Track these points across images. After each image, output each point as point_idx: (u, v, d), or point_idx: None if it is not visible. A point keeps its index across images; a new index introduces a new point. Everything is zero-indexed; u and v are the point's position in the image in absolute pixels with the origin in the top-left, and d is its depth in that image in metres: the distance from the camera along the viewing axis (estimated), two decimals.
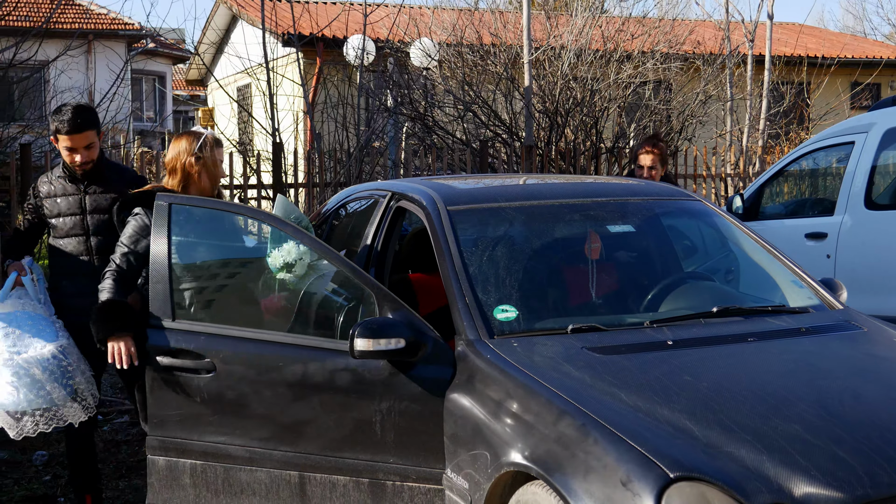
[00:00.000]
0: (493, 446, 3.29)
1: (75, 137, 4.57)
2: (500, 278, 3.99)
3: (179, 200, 4.24)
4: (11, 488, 5.26)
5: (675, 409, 3.09)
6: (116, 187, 4.68)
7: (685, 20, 14.84)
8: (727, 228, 4.64)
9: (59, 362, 4.23)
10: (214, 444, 4.00)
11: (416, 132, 12.01)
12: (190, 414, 4.02)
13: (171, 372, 4.02)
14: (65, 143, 4.58)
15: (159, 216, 4.16)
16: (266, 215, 4.13)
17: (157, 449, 4.09)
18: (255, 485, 3.94)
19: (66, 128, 4.56)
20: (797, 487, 2.79)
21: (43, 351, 4.24)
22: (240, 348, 3.97)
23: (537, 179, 5.45)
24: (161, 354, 4.02)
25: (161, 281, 4.09)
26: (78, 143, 4.58)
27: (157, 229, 4.15)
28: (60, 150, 4.64)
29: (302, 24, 13.57)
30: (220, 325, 4.05)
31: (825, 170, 8.08)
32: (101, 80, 19.89)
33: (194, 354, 3.99)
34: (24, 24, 12.39)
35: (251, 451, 3.94)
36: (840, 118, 15.16)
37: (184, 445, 4.05)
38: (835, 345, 3.77)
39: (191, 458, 4.04)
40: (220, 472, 4.00)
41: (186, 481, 4.06)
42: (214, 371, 3.96)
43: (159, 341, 4.04)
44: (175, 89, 29.04)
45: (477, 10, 13.27)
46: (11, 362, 4.16)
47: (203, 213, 4.34)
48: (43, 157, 9.16)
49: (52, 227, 4.70)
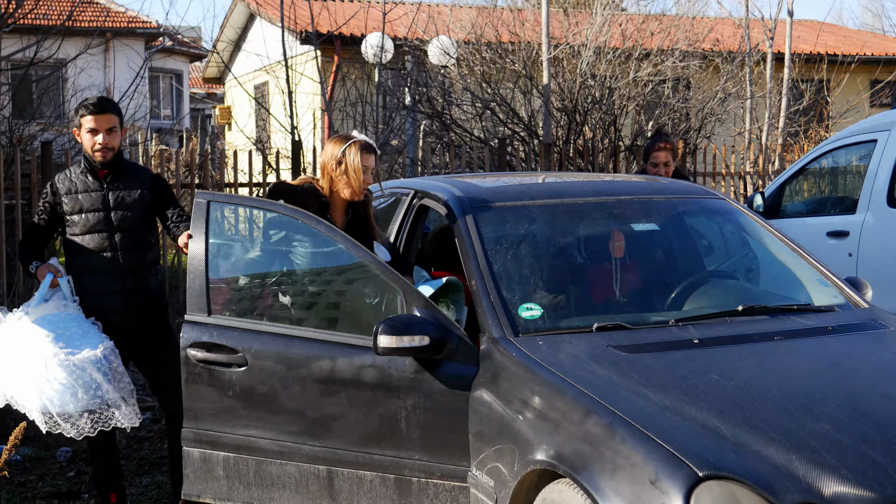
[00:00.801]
0: (519, 444, 3.29)
1: (99, 118, 4.59)
2: (524, 276, 3.99)
3: (218, 198, 4.29)
4: (36, 484, 5.29)
5: (702, 407, 3.08)
6: (137, 184, 4.69)
7: (704, 18, 14.78)
8: (751, 227, 4.63)
9: (110, 363, 4.25)
10: (246, 437, 4.04)
11: (434, 130, 12.01)
12: (223, 407, 4.07)
13: (205, 366, 4.07)
14: (88, 125, 4.59)
15: (198, 213, 4.19)
16: (302, 213, 4.11)
17: (192, 441, 4.15)
18: (285, 478, 3.98)
19: (90, 108, 4.59)
20: (827, 487, 2.77)
21: (95, 352, 4.25)
22: (270, 344, 4.00)
23: (557, 178, 5.44)
24: (196, 349, 4.06)
25: (198, 277, 4.12)
26: (101, 125, 4.60)
27: (195, 226, 4.19)
28: (82, 138, 4.65)
29: (320, 21, 13.58)
30: (253, 320, 4.10)
31: (846, 168, 8.04)
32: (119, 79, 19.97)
33: (227, 349, 4.03)
34: (43, 22, 12.45)
35: (281, 444, 3.98)
36: (860, 116, 15.09)
37: (217, 438, 4.10)
38: (862, 343, 3.76)
39: (224, 451, 4.09)
40: (252, 465, 4.04)
41: (220, 473, 4.11)
42: (246, 366, 3.99)
43: (195, 336, 4.08)
44: (192, 87, 29.12)
45: (495, 7, 13.24)
46: (67, 363, 4.16)
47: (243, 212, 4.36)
48: (63, 154, 9.20)
49: (71, 224, 4.69)
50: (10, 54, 9.95)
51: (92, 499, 5.12)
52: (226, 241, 4.35)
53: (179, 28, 22.73)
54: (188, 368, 4.10)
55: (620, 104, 11.74)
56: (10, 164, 8.72)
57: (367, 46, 12.19)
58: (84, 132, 4.63)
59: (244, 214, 4.48)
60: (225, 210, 4.29)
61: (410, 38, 12.52)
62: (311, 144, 11.43)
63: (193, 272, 4.14)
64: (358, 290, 4.12)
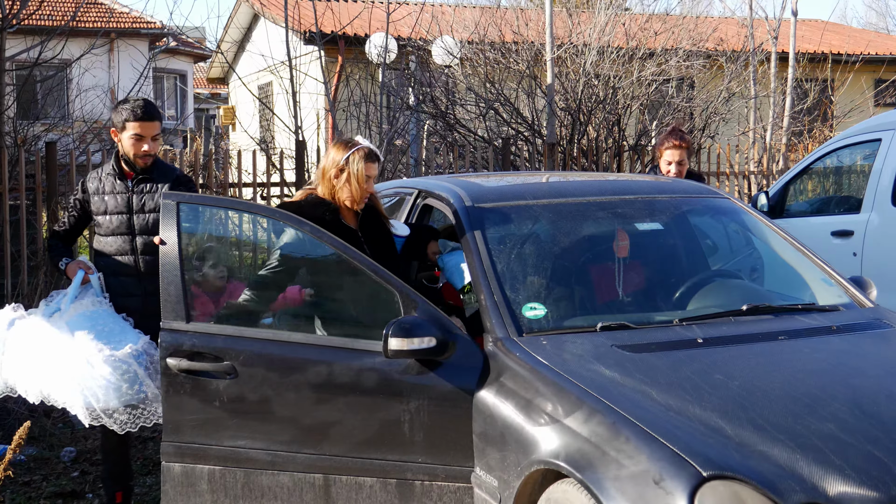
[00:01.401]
0: (523, 444, 3.28)
1: (146, 125, 4.57)
2: (528, 276, 3.99)
3: (187, 199, 4.12)
4: (40, 484, 5.30)
5: (706, 407, 3.08)
6: (161, 187, 4.65)
7: (708, 17, 14.77)
8: (756, 226, 4.62)
9: (150, 358, 4.23)
10: (234, 448, 3.90)
11: (437, 130, 12.01)
12: (208, 418, 3.92)
13: (187, 376, 3.93)
14: (135, 131, 4.55)
15: (168, 215, 4.04)
16: (281, 214, 4.06)
17: (173, 455, 3.98)
18: (277, 489, 3.87)
19: (140, 114, 4.55)
20: (831, 486, 2.77)
21: (137, 346, 4.24)
22: (260, 350, 3.88)
23: (561, 177, 5.43)
24: (177, 357, 3.92)
25: (173, 282, 3.98)
26: (147, 132, 4.57)
27: (166, 229, 4.03)
28: (122, 141, 4.59)
29: (324, 21, 13.58)
30: (239, 326, 3.97)
31: (851, 167, 8.03)
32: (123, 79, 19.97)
33: (212, 357, 3.91)
34: (47, 23, 12.47)
35: (273, 454, 3.86)
36: (864, 115, 15.06)
37: (201, 451, 3.94)
38: (867, 343, 3.75)
39: (209, 464, 3.93)
40: (240, 477, 3.91)
41: (203, 487, 3.96)
42: (234, 374, 3.88)
43: (174, 345, 3.94)
44: (196, 87, 29.14)
45: (499, 7, 13.22)
46: (112, 358, 4.15)
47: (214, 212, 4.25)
48: (67, 155, 9.20)
49: (97, 225, 4.68)
50: (15, 55, 9.96)
51: (96, 499, 5.12)
52: (201, 243, 4.20)
53: (183, 28, 22.75)
54: (168, 379, 3.93)
55: (624, 104, 11.73)
56: (14, 164, 8.73)
57: (370, 46, 12.19)
58: (127, 136, 4.57)
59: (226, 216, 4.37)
60: (198, 212, 4.13)
61: (414, 37, 12.52)
62: (314, 144, 11.42)
63: (167, 277, 3.98)
64: (353, 292, 4.05)
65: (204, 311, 4.10)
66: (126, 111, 4.58)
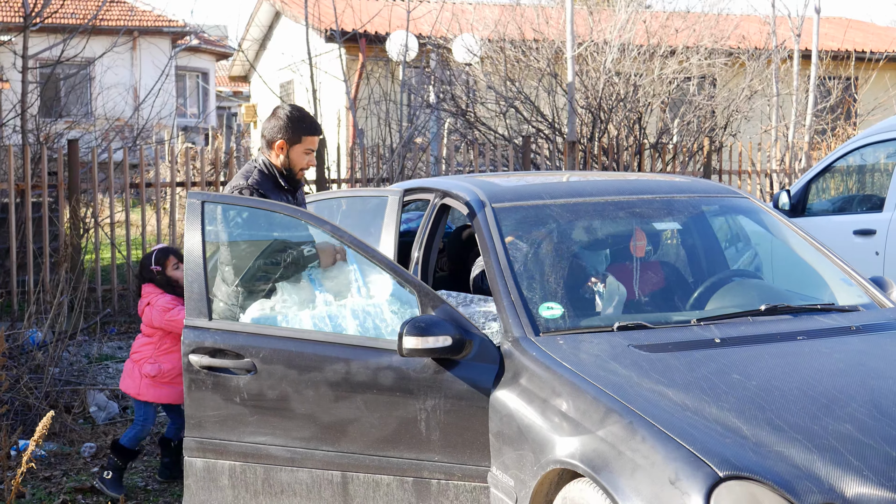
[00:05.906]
0: (539, 443, 3.28)
1: (317, 140, 4.59)
2: (545, 275, 3.98)
3: (211, 198, 4.13)
4: (61, 479, 5.33)
5: (723, 407, 3.07)
6: (300, 197, 4.70)
7: (730, 15, 14.69)
8: (774, 226, 4.59)
9: None
10: (254, 444, 3.94)
11: (458, 128, 12.01)
12: (229, 414, 3.96)
13: (209, 372, 3.96)
14: (310, 146, 4.53)
15: (192, 214, 4.05)
16: (303, 213, 4.07)
17: (195, 450, 4.02)
18: (296, 485, 3.89)
19: (317, 129, 4.56)
20: (849, 488, 2.75)
21: None
22: (280, 347, 3.89)
23: (580, 176, 5.41)
24: (199, 354, 3.95)
25: (196, 280, 4.01)
26: (316, 146, 4.61)
27: (190, 228, 4.04)
28: (292, 154, 4.52)
29: (344, 20, 13.61)
30: (259, 324, 3.98)
31: (874, 166, 7.97)
32: (145, 77, 20.11)
33: (233, 354, 3.93)
34: (70, 21, 12.56)
35: (292, 451, 3.88)
36: (888, 113, 14.95)
37: (223, 446, 3.99)
38: (886, 344, 3.72)
39: (230, 459, 3.97)
40: (260, 473, 3.94)
41: (225, 482, 3.99)
42: (255, 371, 3.90)
43: (197, 341, 3.97)
44: (218, 85, 29.27)
45: (519, 5, 13.20)
46: None
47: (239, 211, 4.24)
48: (90, 152, 9.27)
49: None
50: (38, 52, 10.05)
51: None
52: (224, 242, 4.18)
53: (205, 27, 22.86)
54: (190, 375, 3.96)
55: (645, 102, 11.69)
56: (37, 161, 8.80)
57: (391, 44, 12.21)
58: (302, 150, 4.53)
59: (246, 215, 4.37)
60: (221, 210, 4.13)
61: (434, 35, 12.53)
62: (335, 142, 11.45)
63: (191, 276, 4.01)
64: (372, 290, 4.04)
65: (225, 308, 4.12)
66: (305, 125, 4.53)
